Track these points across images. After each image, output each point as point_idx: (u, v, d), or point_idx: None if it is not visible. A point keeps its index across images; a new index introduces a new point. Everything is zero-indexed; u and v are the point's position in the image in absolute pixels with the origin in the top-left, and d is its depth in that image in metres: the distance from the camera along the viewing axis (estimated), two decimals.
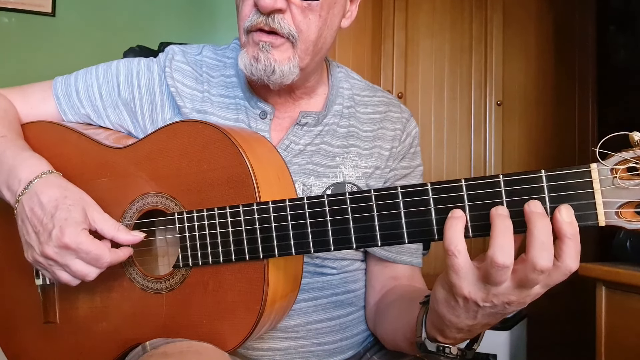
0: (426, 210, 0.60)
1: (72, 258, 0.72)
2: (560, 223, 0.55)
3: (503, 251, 0.55)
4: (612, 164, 0.55)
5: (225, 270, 0.72)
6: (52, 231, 0.71)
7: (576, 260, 0.56)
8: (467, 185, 0.58)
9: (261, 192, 0.70)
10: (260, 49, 0.80)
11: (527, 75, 2.51)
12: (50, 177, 0.76)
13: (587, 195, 0.56)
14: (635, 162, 0.55)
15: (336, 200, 0.64)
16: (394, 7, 2.45)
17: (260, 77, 0.81)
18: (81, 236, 0.71)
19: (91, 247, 0.71)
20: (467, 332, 0.66)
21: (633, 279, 1.20)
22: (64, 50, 2.38)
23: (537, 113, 2.50)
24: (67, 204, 0.73)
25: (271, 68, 0.80)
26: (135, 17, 2.51)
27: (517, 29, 2.50)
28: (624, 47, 2.31)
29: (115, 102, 0.92)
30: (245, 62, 0.82)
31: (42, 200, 0.73)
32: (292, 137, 0.89)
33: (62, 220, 0.71)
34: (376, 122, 0.95)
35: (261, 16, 0.79)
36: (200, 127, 0.74)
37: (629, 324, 1.23)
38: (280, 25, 0.79)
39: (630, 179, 0.55)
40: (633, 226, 0.56)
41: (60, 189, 0.75)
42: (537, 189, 0.57)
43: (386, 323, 0.87)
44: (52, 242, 0.71)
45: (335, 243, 0.65)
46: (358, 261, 0.94)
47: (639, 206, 0.56)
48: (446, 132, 2.48)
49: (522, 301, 0.59)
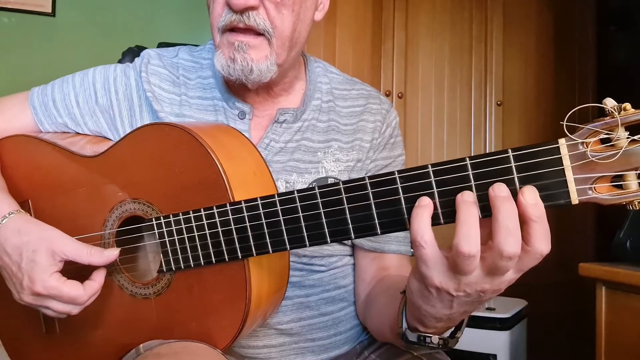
0: (396, 200, 0.58)
1: (50, 301, 0.73)
2: (524, 206, 0.52)
3: (468, 240, 0.53)
4: (582, 138, 0.52)
5: (207, 272, 0.72)
6: (22, 281, 0.73)
7: (546, 242, 0.53)
8: (434, 171, 0.56)
9: (235, 192, 0.69)
10: (236, 49, 0.79)
11: (527, 75, 2.51)
12: (10, 222, 0.75)
13: (558, 173, 0.53)
14: (607, 132, 0.51)
15: (307, 196, 0.63)
16: (394, 7, 2.45)
17: (238, 78, 0.81)
18: (50, 282, 0.71)
19: (63, 291, 0.72)
20: (446, 321, 0.64)
21: (633, 279, 1.20)
22: (64, 50, 2.38)
23: (537, 113, 2.50)
24: (31, 250, 0.72)
25: (249, 68, 0.80)
26: (134, 17, 2.51)
27: (517, 29, 2.50)
28: (624, 47, 2.31)
29: (92, 110, 0.91)
30: (222, 63, 0.81)
31: (7, 250, 0.74)
32: (272, 136, 0.89)
33: (29, 269, 0.72)
34: (356, 115, 0.95)
35: (234, 14, 0.78)
36: (168, 130, 0.73)
37: (629, 324, 1.23)
38: (256, 21, 0.78)
39: (605, 151, 0.52)
40: (609, 201, 0.52)
41: (21, 234, 0.74)
42: (506, 169, 0.54)
43: (374, 314, 0.87)
44: (25, 291, 0.73)
45: (310, 238, 0.64)
46: (346, 256, 0.94)
47: (614, 179, 0.52)
48: (446, 132, 2.48)
49: (497, 288, 0.57)
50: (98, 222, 0.79)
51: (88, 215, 0.79)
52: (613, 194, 0.52)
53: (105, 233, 0.78)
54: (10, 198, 0.79)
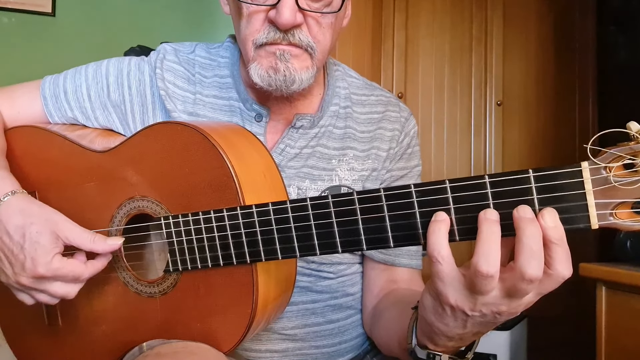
0: (411, 214, 0.57)
1: (50, 283, 0.72)
2: (544, 229, 0.52)
3: (487, 259, 0.52)
4: (606, 162, 0.51)
5: (215, 274, 0.71)
6: (24, 263, 0.71)
7: (568, 266, 0.52)
8: (451, 187, 0.55)
9: (245, 194, 0.68)
10: (279, 59, 0.77)
11: (527, 75, 2.51)
12: (12, 201, 0.73)
13: (579, 197, 0.52)
14: (630, 158, 0.50)
15: (320, 204, 0.62)
16: (394, 7, 2.45)
17: (279, 87, 0.79)
18: (54, 263, 0.70)
19: (67, 269, 0.71)
20: (458, 341, 0.63)
21: (633, 279, 1.20)
22: (64, 50, 2.38)
23: (537, 113, 2.50)
24: (34, 231, 0.71)
25: (292, 77, 0.78)
26: (135, 17, 2.51)
27: (517, 29, 2.50)
28: (624, 47, 2.31)
29: (104, 104, 0.90)
30: (261, 74, 0.78)
31: (8, 230, 0.71)
32: (287, 141, 0.87)
33: (32, 251, 0.70)
34: (374, 122, 0.93)
35: (279, 32, 0.76)
36: (180, 129, 0.72)
37: (629, 324, 1.23)
38: (300, 39, 0.77)
39: (627, 177, 0.51)
40: (629, 227, 0.51)
41: (24, 214, 0.72)
42: (526, 190, 0.53)
43: (381, 328, 0.85)
44: (25, 273, 0.71)
45: (321, 247, 0.62)
46: (355, 264, 0.93)
47: (635, 205, 0.51)
48: (446, 132, 2.48)
49: (514, 311, 0.56)
50: (105, 218, 0.78)
51: (95, 211, 0.78)
52: (634, 220, 0.52)
53: (112, 229, 0.78)
54: (12, 177, 0.77)
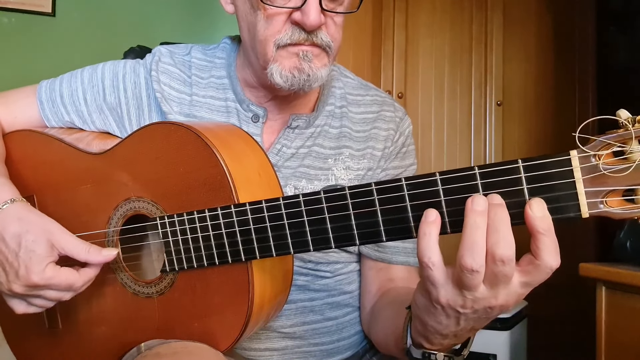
0: (402, 207, 0.57)
1: (44, 290, 0.73)
2: (531, 219, 0.51)
3: (472, 253, 0.51)
4: (595, 150, 0.51)
5: (211, 273, 0.71)
6: (18, 270, 0.71)
7: (555, 256, 0.52)
8: (442, 179, 0.55)
9: (239, 193, 0.68)
10: (302, 59, 0.78)
11: (527, 75, 2.51)
12: (11, 209, 0.74)
13: (569, 185, 0.52)
14: (620, 145, 0.50)
15: (312, 200, 0.62)
16: (394, 7, 2.45)
17: (300, 87, 0.80)
18: (47, 272, 0.71)
19: (61, 279, 0.72)
20: (452, 338, 0.63)
21: (633, 279, 1.20)
22: (64, 50, 2.38)
23: (537, 113, 2.50)
24: (30, 240, 0.71)
25: (315, 77, 0.79)
26: (135, 17, 2.51)
27: (517, 29, 2.50)
28: (624, 47, 2.31)
29: (100, 107, 0.91)
30: (284, 75, 0.79)
31: (5, 237, 0.72)
32: (284, 141, 0.88)
33: (26, 259, 0.71)
34: (369, 122, 0.93)
35: (304, 33, 0.77)
36: (174, 129, 0.72)
37: (629, 324, 1.23)
38: (322, 39, 0.79)
39: (617, 164, 0.50)
40: (620, 214, 0.51)
41: (21, 223, 0.72)
42: (515, 180, 0.53)
43: (378, 327, 0.86)
44: (19, 281, 0.72)
45: (314, 243, 0.63)
46: (352, 263, 0.93)
47: (626, 193, 0.51)
48: (446, 132, 2.48)
49: (504, 304, 0.56)
50: (102, 219, 0.78)
51: (92, 212, 0.78)
52: (625, 209, 0.51)
53: (109, 231, 0.78)
54: (12, 185, 0.78)
